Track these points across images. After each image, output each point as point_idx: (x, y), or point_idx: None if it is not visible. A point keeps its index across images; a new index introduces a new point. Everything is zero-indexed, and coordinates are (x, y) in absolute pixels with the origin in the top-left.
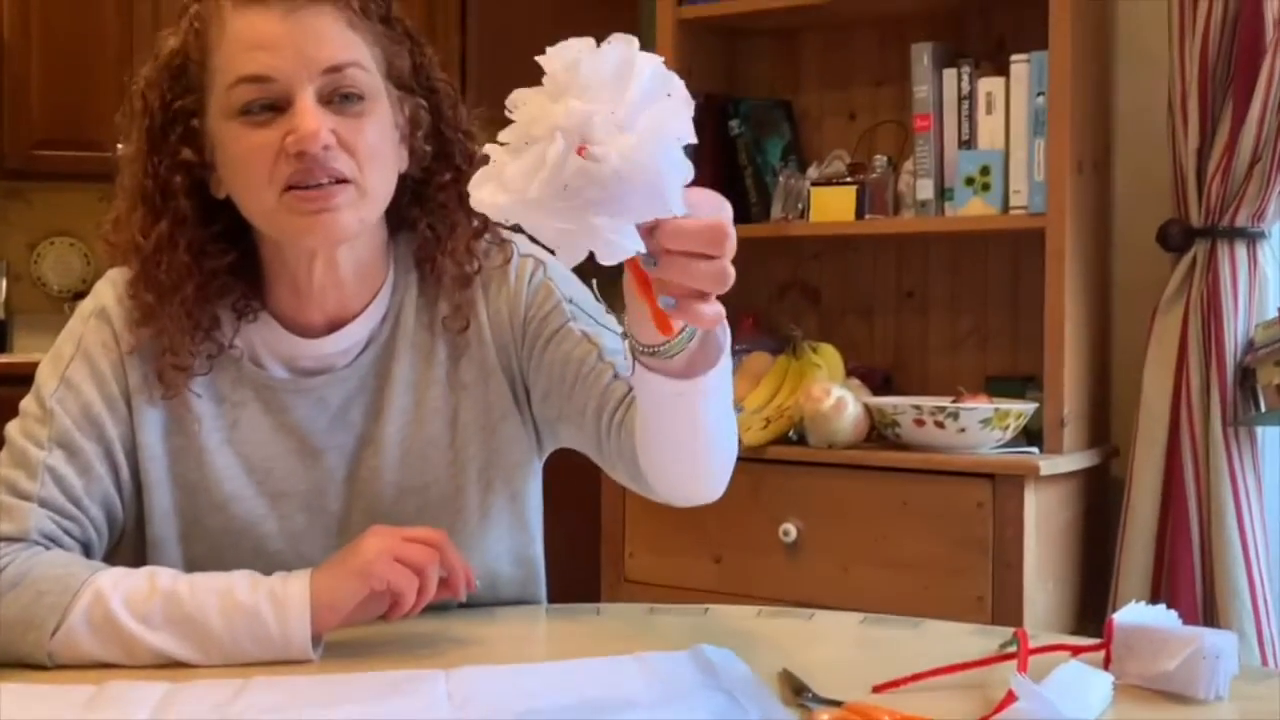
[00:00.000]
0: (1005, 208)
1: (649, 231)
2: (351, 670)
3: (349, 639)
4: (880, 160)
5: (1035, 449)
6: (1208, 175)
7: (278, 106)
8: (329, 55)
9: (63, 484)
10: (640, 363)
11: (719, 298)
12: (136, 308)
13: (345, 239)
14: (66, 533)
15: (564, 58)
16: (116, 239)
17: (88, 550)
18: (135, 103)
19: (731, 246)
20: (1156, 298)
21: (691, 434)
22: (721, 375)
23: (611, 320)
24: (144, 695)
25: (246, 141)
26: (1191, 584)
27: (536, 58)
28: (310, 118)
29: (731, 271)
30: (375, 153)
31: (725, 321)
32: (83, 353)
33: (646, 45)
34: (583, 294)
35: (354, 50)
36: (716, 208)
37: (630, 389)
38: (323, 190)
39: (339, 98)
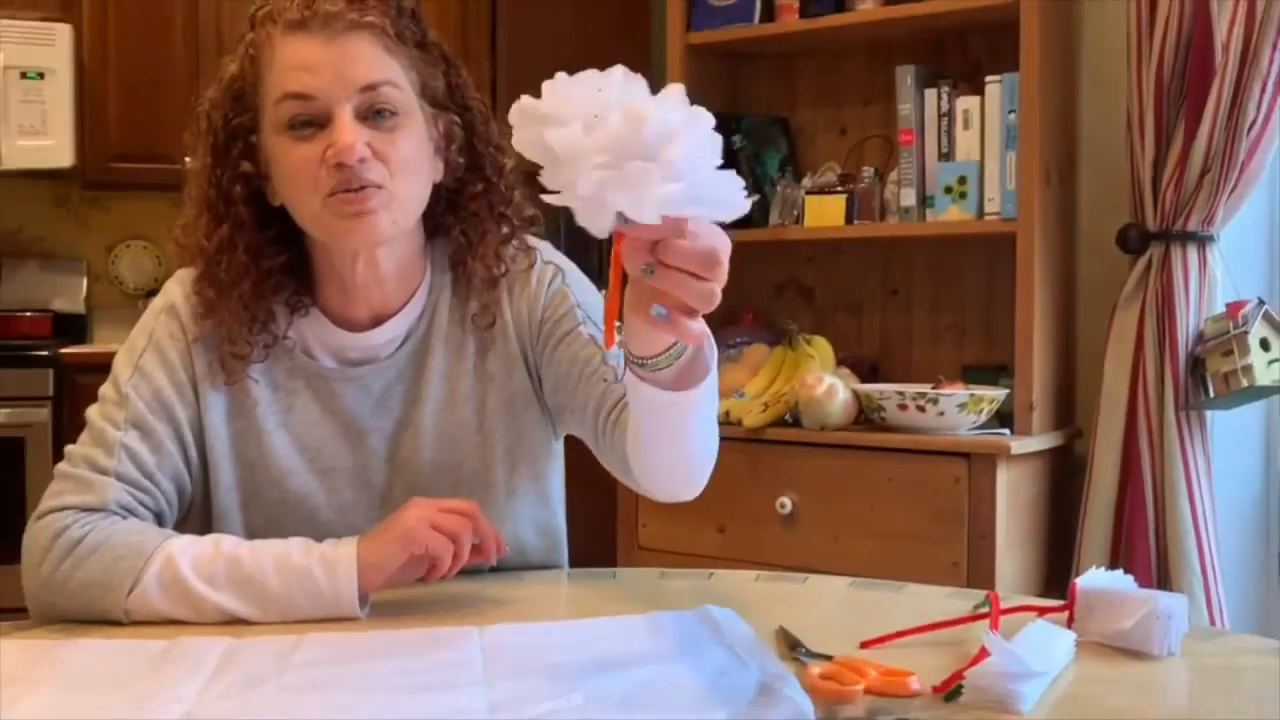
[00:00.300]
0: (980, 214)
1: (652, 246)
2: (395, 627)
3: (393, 599)
4: (868, 171)
5: (1006, 431)
6: (1162, 184)
7: (319, 122)
8: (364, 75)
9: (137, 460)
10: (633, 373)
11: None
12: (200, 302)
13: (381, 239)
14: (141, 504)
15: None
16: (184, 242)
17: (160, 520)
18: (201, 122)
19: (723, 275)
20: (1116, 295)
21: (677, 440)
22: (708, 389)
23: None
24: (210, 649)
25: (294, 154)
26: (1146, 552)
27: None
28: (347, 132)
29: (718, 295)
30: (407, 163)
31: (712, 340)
32: (154, 344)
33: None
34: (595, 301)
35: (388, 71)
36: (717, 237)
37: (625, 393)
38: (359, 194)
39: (374, 114)
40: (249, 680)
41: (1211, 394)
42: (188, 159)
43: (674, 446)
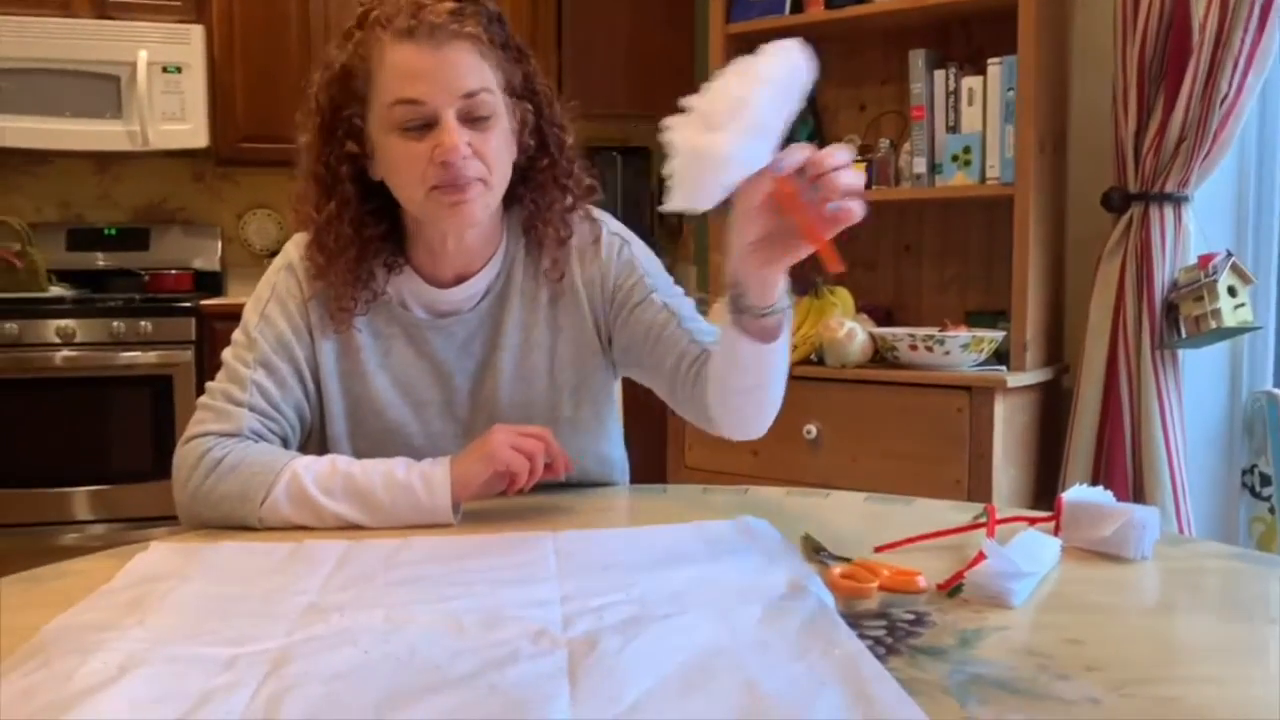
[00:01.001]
0: (982, 179)
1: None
2: (483, 532)
3: (481, 509)
4: (884, 143)
5: (1003, 367)
6: (1143, 152)
7: (427, 123)
8: (466, 84)
9: (265, 394)
10: (738, 325)
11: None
12: (312, 266)
13: (475, 225)
14: (269, 430)
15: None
16: (299, 210)
17: (284, 444)
18: (310, 103)
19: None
20: (1100, 249)
21: (761, 386)
22: (786, 340)
23: (681, 292)
24: (329, 550)
25: (404, 151)
26: (1124, 471)
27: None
28: (453, 135)
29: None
30: (498, 156)
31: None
32: (276, 296)
33: (701, 54)
34: (659, 269)
35: (484, 77)
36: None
37: (701, 350)
38: (461, 189)
39: (472, 117)
40: (362, 576)
41: (1184, 335)
42: (301, 136)
43: (758, 391)
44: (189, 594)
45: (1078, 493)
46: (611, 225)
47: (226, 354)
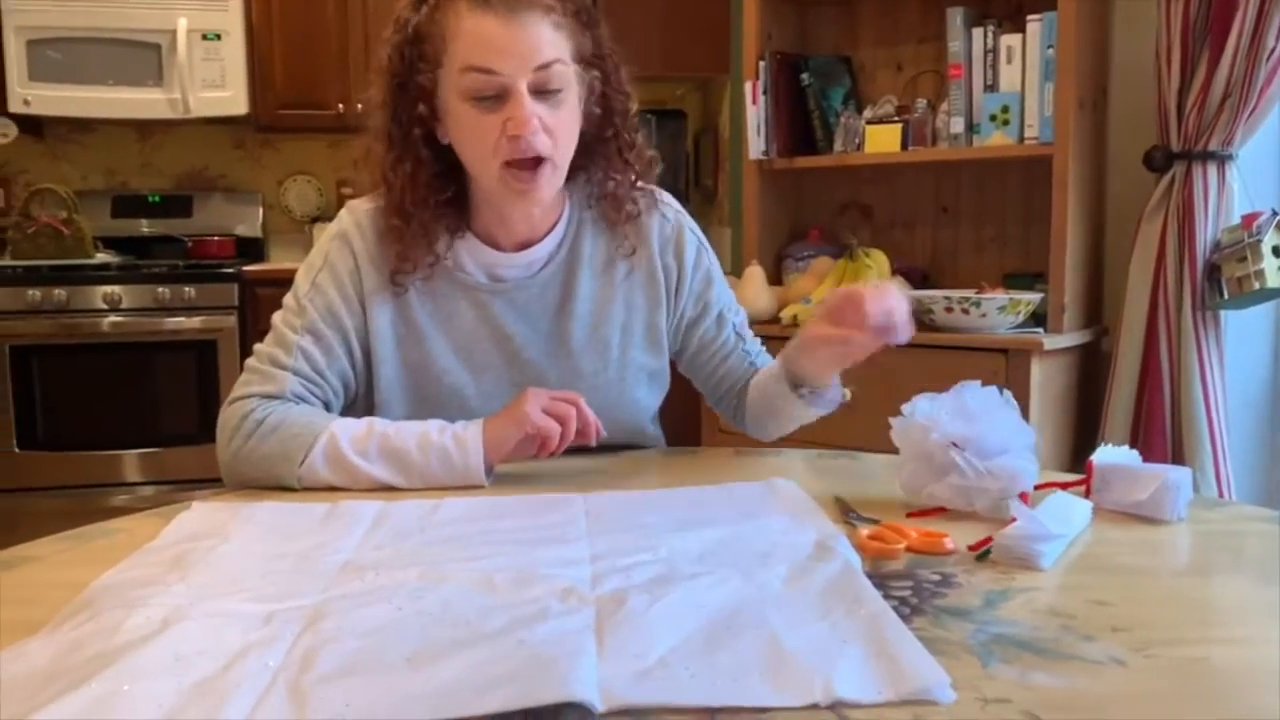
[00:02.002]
0: (1021, 139)
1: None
2: (516, 493)
3: (514, 470)
4: (921, 103)
5: (1041, 330)
6: (1186, 109)
7: (500, 95)
8: (540, 56)
9: (310, 359)
10: (797, 394)
11: None
12: (387, 229)
13: (542, 204)
14: (312, 394)
15: None
16: (369, 169)
17: (327, 407)
18: (381, 62)
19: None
20: (1141, 209)
21: (796, 422)
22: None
23: (735, 302)
24: (365, 510)
25: (476, 122)
26: (1163, 434)
27: None
28: (524, 108)
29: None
30: (567, 130)
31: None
32: (328, 266)
33: (736, 15)
34: (724, 279)
35: (557, 49)
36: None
37: (751, 372)
38: (530, 172)
39: (544, 90)
40: (397, 535)
41: (1226, 296)
42: (371, 94)
43: (791, 425)
44: (229, 552)
45: (1107, 454)
46: (690, 223)
47: (276, 318)
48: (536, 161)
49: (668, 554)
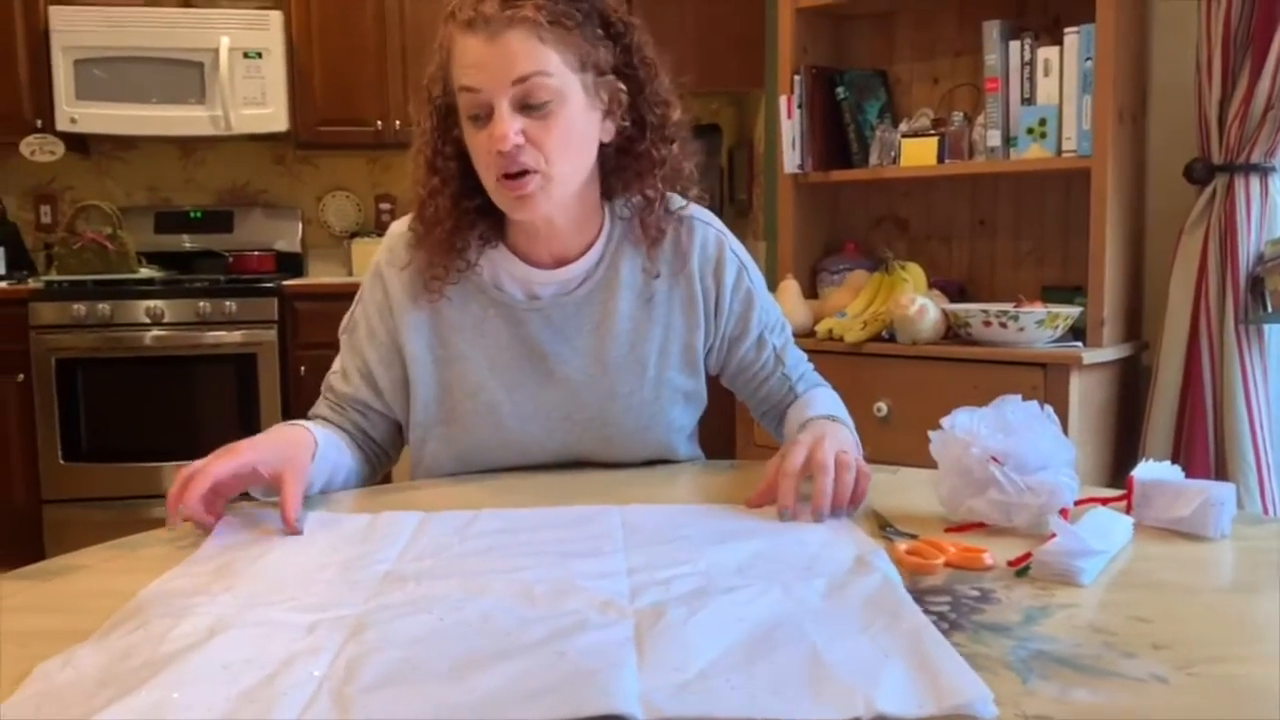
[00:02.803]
0: (1059, 152)
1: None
2: (552, 505)
3: (550, 482)
4: (957, 116)
5: (1079, 344)
6: (1228, 121)
7: (486, 114)
8: (518, 69)
9: (335, 390)
10: None
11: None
12: (413, 236)
13: (540, 215)
14: (338, 414)
15: None
16: (412, 189)
17: (353, 425)
18: (422, 93)
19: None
20: (1182, 221)
21: None
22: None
23: (782, 319)
24: (406, 521)
25: (473, 140)
26: (1205, 450)
27: None
28: (501, 123)
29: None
30: (560, 144)
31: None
32: (362, 302)
33: (771, 29)
34: (770, 299)
35: (540, 61)
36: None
37: (792, 394)
38: (519, 181)
39: (528, 104)
40: (437, 546)
41: (1269, 309)
42: (415, 119)
43: None
44: (272, 562)
45: (1148, 470)
46: (733, 243)
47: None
48: (524, 173)
49: (705, 567)
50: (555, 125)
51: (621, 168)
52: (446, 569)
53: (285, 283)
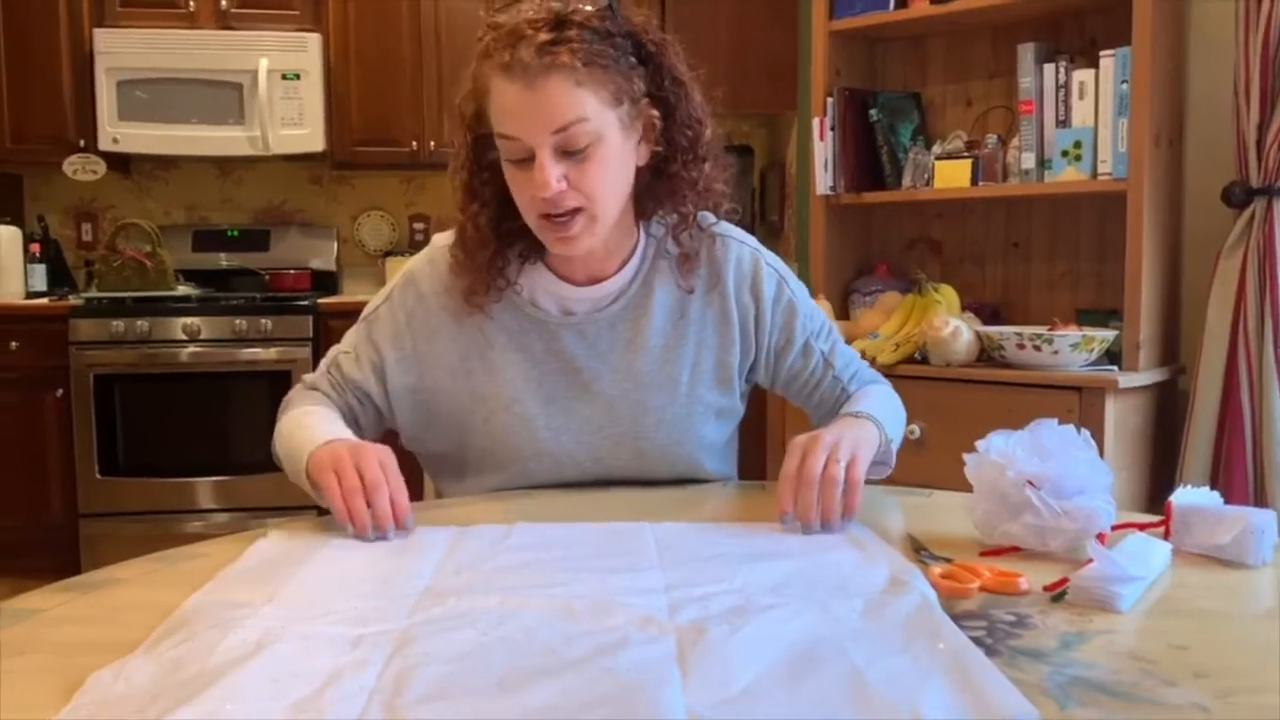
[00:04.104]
0: (1094, 174)
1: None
2: (590, 521)
3: (579, 499)
4: (991, 138)
5: (1115, 368)
6: (1266, 144)
7: (528, 157)
8: (558, 118)
9: (342, 370)
10: None
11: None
12: (454, 261)
13: (583, 251)
14: (337, 394)
15: None
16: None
17: (348, 410)
18: (458, 118)
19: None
20: (1219, 245)
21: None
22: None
23: (828, 324)
24: (439, 537)
25: (513, 178)
26: (1244, 476)
27: None
28: (544, 171)
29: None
30: (602, 183)
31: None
32: (389, 301)
33: (805, 50)
34: (813, 307)
35: (578, 108)
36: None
37: (841, 391)
38: (563, 223)
39: (569, 150)
40: (472, 562)
41: None
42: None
43: None
44: (311, 576)
45: (1186, 495)
46: (768, 257)
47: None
48: (572, 211)
49: (742, 584)
50: (595, 166)
51: (655, 188)
52: (485, 584)
53: (320, 300)
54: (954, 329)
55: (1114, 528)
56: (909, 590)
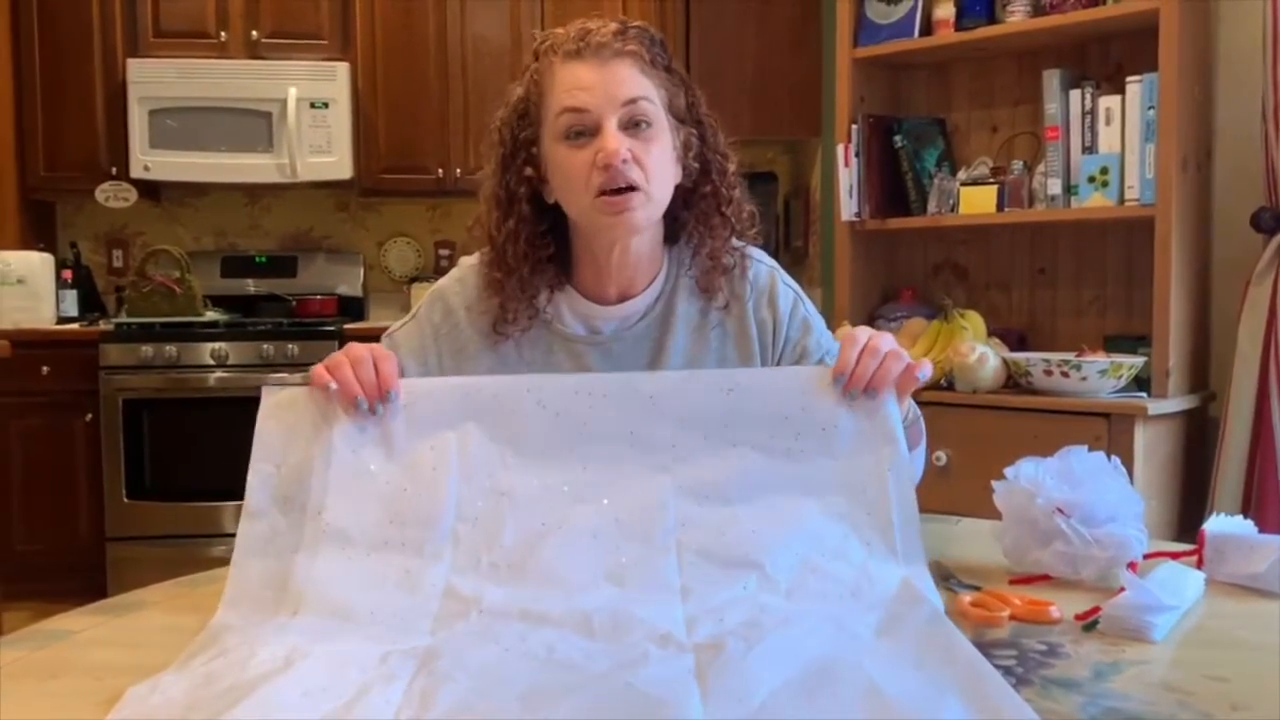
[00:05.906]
0: (1121, 200)
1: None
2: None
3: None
4: (1017, 164)
5: (1144, 394)
6: None
7: (591, 132)
8: (627, 92)
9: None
10: None
11: None
12: (489, 281)
13: (638, 232)
14: None
15: None
16: (476, 232)
17: None
18: (493, 136)
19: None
20: (1249, 271)
21: None
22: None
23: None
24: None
25: (570, 159)
26: (1277, 504)
27: None
28: (613, 139)
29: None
30: (658, 166)
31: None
32: (415, 320)
33: (829, 77)
34: (824, 326)
35: (645, 89)
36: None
37: None
38: (622, 196)
39: (633, 124)
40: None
41: None
42: (484, 166)
43: None
44: (325, 591)
45: (1220, 524)
46: (784, 275)
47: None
48: (629, 189)
49: (755, 588)
50: (655, 146)
51: (690, 206)
52: (503, 576)
53: (347, 326)
54: (980, 355)
55: (1146, 556)
56: (919, 600)
